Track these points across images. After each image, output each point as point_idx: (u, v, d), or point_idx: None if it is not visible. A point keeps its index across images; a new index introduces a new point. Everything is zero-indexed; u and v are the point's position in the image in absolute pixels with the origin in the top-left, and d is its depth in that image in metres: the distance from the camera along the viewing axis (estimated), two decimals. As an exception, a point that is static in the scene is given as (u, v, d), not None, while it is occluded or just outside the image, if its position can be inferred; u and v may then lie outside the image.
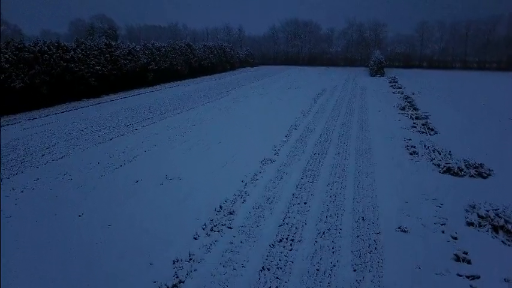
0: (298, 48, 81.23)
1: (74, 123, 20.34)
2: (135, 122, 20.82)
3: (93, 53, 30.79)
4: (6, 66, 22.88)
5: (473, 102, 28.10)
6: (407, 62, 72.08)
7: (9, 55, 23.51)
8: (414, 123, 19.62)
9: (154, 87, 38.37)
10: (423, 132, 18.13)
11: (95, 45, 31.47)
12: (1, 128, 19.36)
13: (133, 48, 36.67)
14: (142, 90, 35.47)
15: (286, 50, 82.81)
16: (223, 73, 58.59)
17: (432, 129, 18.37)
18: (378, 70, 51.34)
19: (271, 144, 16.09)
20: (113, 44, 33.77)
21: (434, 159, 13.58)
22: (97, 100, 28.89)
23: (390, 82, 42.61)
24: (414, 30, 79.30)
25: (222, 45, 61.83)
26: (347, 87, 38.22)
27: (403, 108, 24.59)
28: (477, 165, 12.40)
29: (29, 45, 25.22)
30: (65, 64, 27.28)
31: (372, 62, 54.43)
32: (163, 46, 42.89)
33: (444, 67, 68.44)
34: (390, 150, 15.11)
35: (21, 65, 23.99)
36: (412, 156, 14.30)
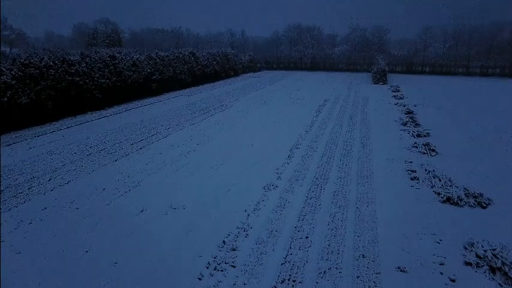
0: (300, 54, 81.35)
1: (79, 142, 20.62)
2: (139, 139, 21.08)
3: (98, 66, 31.13)
4: (13, 82, 23.21)
5: (474, 114, 28.18)
6: (410, 67, 72.09)
7: (15, 71, 23.86)
8: (415, 142, 19.76)
9: (158, 97, 38.67)
10: (424, 153, 18.29)
11: (99, 58, 31.80)
12: (8, 147, 19.69)
13: (137, 59, 36.99)
14: (145, 101, 35.78)
15: (289, 55, 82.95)
16: (227, 79, 58.85)
17: (433, 150, 18.52)
18: (380, 78, 51.47)
19: (274, 167, 16.33)
20: (117, 56, 34.07)
21: (434, 186, 13.77)
22: (101, 113, 29.20)
23: (392, 91, 42.72)
24: (417, 35, 79.31)
25: (225, 52, 62.10)
26: (349, 98, 38.35)
27: (405, 124, 24.75)
28: (476, 194, 12.58)
29: (35, 60, 25.56)
30: (70, 78, 27.63)
31: (374, 70, 54.55)
32: (167, 55, 43.22)
33: (447, 73, 68.37)
34: (391, 175, 15.30)
35: (28, 81, 24.34)
36: (412, 181, 14.48)
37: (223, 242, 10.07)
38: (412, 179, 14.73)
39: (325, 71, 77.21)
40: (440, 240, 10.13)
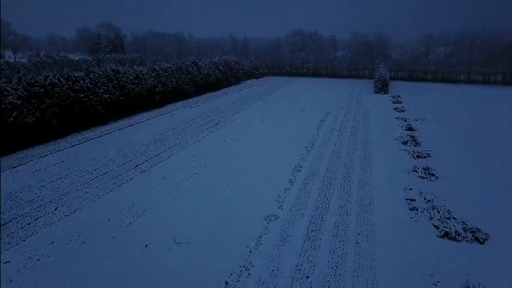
0: (302, 60, 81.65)
1: (84, 163, 20.94)
2: (143, 161, 21.39)
3: (102, 81, 31.49)
4: (18, 102, 23.58)
5: (475, 130, 28.37)
6: (412, 74, 72.29)
7: (21, 91, 24.23)
8: (415, 166, 19.98)
9: (161, 109, 39.01)
10: (424, 178, 18.53)
11: (103, 73, 32.17)
12: (14, 169, 20.05)
13: (140, 71, 37.35)
14: (148, 114, 36.09)
15: (291, 61, 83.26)
16: (229, 87, 59.20)
17: (433, 175, 18.76)
18: (382, 88, 51.65)
19: (276, 194, 16.60)
20: (121, 70, 34.44)
21: (433, 218, 14.02)
22: (105, 129, 29.52)
23: (394, 102, 42.94)
24: (419, 42, 79.38)
25: (227, 60, 62.44)
26: (350, 110, 38.56)
27: (405, 143, 24.97)
28: (474, 229, 12.82)
29: (40, 79, 25.91)
30: (75, 95, 27.99)
31: (376, 79, 54.74)
32: (170, 66, 43.57)
33: (449, 80, 68.50)
34: (391, 205, 15.54)
35: (33, 100, 24.71)
36: (412, 212, 14.74)
37: (226, 283, 10.36)
38: (411, 209, 14.98)
39: (327, 77, 77.44)
40: (438, 282, 10.38)
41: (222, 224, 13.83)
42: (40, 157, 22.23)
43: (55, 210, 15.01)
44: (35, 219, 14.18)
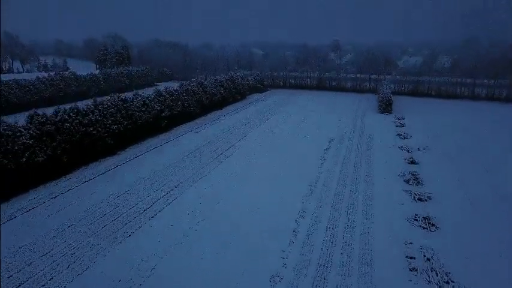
0: (307, 73, 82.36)
1: (94, 207, 21.62)
2: (151, 204, 22.03)
3: (110, 112, 32.26)
4: (31, 142, 24.35)
5: (478, 169, 28.76)
6: (416, 89, 72.65)
7: (33, 130, 25.01)
8: (416, 214, 20.45)
9: (167, 134, 39.75)
10: (424, 228, 19.01)
11: (111, 103, 32.94)
12: (27, 213, 20.79)
13: (147, 98, 38.11)
14: (155, 141, 36.75)
15: (295, 75, 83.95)
16: (234, 104, 60.03)
17: (433, 224, 19.24)
18: (385, 108, 52.11)
19: (279, 248, 17.15)
20: (129, 99, 35.23)
21: (431, 281, 14.51)
22: (113, 161, 30.21)
23: (397, 126, 43.43)
24: (424, 55, 79.83)
25: (232, 77, 63.17)
26: (354, 137, 39.00)
27: (408, 181, 25.44)
28: (471, 300, 13.28)
29: (51, 116, 26.70)
30: (84, 129, 28.76)
31: (380, 98, 55.21)
32: (176, 90, 44.32)
33: (453, 96, 68.73)
34: (391, 263, 16.03)
35: (44, 138, 25.48)
36: (411, 273, 15.23)
37: None
38: (411, 269, 15.48)
39: (332, 91, 77.93)
40: None
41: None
42: (51, 198, 22.95)
43: (67, 267, 15.68)
44: (50, 279, 14.85)
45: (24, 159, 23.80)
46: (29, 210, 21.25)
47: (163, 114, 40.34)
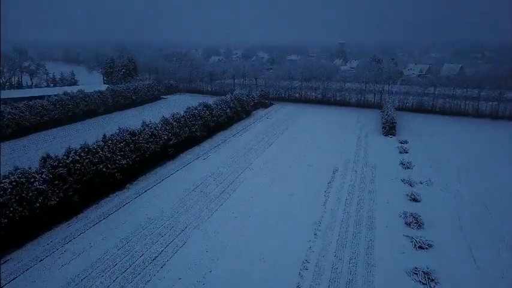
0: (312, 88, 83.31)
1: (104, 255, 22.50)
2: (158, 253, 22.83)
3: (119, 147, 33.18)
4: (44, 187, 25.28)
5: (479, 202, 29.32)
6: (420, 106, 73.07)
7: (46, 174, 25.97)
8: (416, 267, 21.04)
9: (174, 161, 40.69)
10: (424, 284, 19.66)
11: (120, 138, 33.87)
12: (40, 263, 21.71)
13: (154, 128, 39.05)
14: (162, 171, 37.62)
15: (300, 90, 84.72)
16: (239, 123, 61.22)
17: (433, 280, 19.86)
18: (389, 130, 52.72)
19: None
20: (137, 132, 36.17)
21: None
22: (122, 197, 31.06)
23: (400, 152, 44.09)
24: (430, 61, 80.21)
25: (238, 96, 64.09)
26: (357, 169, 39.57)
27: (409, 224, 26.07)
28: None
29: (63, 158, 27.66)
30: (94, 168, 29.68)
31: (384, 120, 55.82)
32: (183, 116, 45.25)
33: (457, 113, 68.96)
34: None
35: (57, 182, 26.41)
36: None
37: None
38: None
39: (336, 106, 78.56)
40: None
41: None
42: (64, 243, 23.86)
43: (82, 330, 16.52)
44: None
45: (38, 204, 24.74)
46: (42, 260, 22.20)
47: (171, 142, 41.24)
